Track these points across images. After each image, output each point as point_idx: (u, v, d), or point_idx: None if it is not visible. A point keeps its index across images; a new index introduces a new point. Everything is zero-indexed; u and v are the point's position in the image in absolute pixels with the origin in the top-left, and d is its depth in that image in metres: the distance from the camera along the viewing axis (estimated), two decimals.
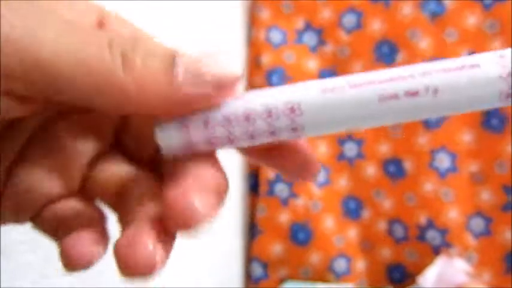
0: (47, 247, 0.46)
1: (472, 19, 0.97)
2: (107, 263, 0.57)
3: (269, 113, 0.20)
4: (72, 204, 0.24)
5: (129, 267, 0.20)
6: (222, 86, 0.20)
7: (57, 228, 0.23)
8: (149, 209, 0.22)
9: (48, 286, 0.47)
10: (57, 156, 0.23)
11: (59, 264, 0.47)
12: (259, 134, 0.21)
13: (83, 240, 0.22)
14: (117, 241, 0.21)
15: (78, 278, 0.51)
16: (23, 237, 0.43)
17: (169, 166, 0.22)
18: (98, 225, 0.24)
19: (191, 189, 0.20)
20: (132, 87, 0.19)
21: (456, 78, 0.20)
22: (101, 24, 0.24)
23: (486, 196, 0.97)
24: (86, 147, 0.24)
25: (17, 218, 0.24)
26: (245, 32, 1.08)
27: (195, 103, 0.20)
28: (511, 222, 0.94)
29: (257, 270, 1.04)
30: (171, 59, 0.20)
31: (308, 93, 0.20)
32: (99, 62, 0.19)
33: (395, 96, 0.20)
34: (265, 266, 1.04)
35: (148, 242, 0.20)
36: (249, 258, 1.06)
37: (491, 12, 0.96)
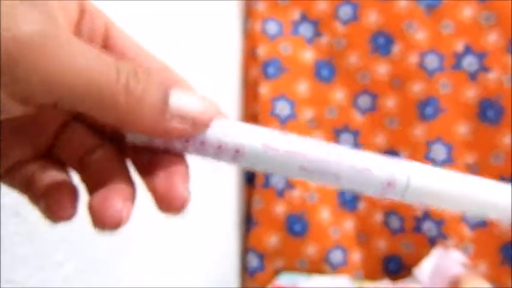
0: (43, 239, 0.46)
1: (468, 11, 0.97)
2: (102, 257, 0.57)
3: (219, 147, 0.26)
4: (40, 165, 0.27)
5: (102, 222, 0.24)
6: (199, 125, 0.25)
7: (27, 186, 0.27)
8: (113, 173, 0.26)
9: (45, 278, 0.47)
10: (25, 124, 0.26)
11: (55, 257, 0.47)
12: (206, 155, 0.26)
13: (62, 196, 0.26)
14: (91, 201, 0.25)
15: (74, 270, 0.51)
16: (19, 228, 0.43)
17: (143, 155, 0.27)
18: (68, 183, 0.27)
19: (177, 181, 0.25)
20: (129, 110, 0.23)
21: (354, 175, 0.27)
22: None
23: None
24: (51, 117, 0.28)
25: None
26: (241, 23, 1.08)
27: (174, 133, 0.25)
28: None
29: (253, 261, 1.04)
30: (165, 95, 0.24)
31: (252, 143, 0.26)
32: (107, 83, 0.22)
33: (311, 171, 0.26)
34: (261, 257, 1.04)
35: (117, 202, 0.24)
36: (245, 249, 1.06)
37: (487, 4, 0.96)
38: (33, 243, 0.45)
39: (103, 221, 0.24)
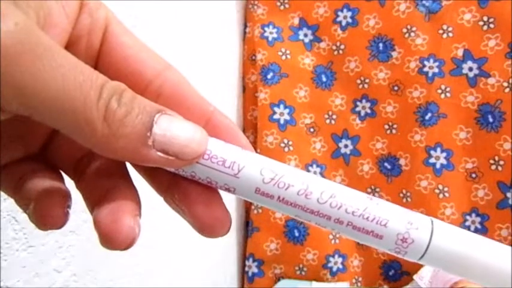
0: (41, 245, 0.46)
1: (468, 16, 0.97)
2: (100, 262, 0.56)
3: (210, 183, 0.24)
4: (31, 167, 0.26)
5: (113, 241, 0.22)
6: (184, 159, 0.23)
7: (16, 188, 0.25)
8: (116, 185, 0.24)
9: (43, 285, 0.46)
10: (16, 121, 0.24)
11: (53, 263, 0.47)
12: (201, 182, 0.24)
13: (53, 203, 0.24)
14: (99, 219, 0.23)
15: (72, 276, 0.50)
16: (17, 234, 0.43)
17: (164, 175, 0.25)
18: (60, 189, 0.25)
19: (218, 206, 0.25)
20: (105, 138, 0.21)
21: (357, 236, 0.24)
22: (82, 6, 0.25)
23: (482, 193, 0.96)
24: None
25: None
26: (240, 28, 1.08)
27: (156, 164, 0.22)
28: (507, 220, 0.94)
29: (252, 267, 1.04)
30: (149, 123, 0.22)
31: (244, 186, 0.24)
32: (83, 108, 0.20)
33: (308, 220, 0.24)
34: (260, 263, 1.04)
35: (129, 219, 0.23)
36: (244, 255, 1.06)
37: (487, 9, 0.96)
38: (31, 249, 0.45)
39: (115, 242, 0.22)
